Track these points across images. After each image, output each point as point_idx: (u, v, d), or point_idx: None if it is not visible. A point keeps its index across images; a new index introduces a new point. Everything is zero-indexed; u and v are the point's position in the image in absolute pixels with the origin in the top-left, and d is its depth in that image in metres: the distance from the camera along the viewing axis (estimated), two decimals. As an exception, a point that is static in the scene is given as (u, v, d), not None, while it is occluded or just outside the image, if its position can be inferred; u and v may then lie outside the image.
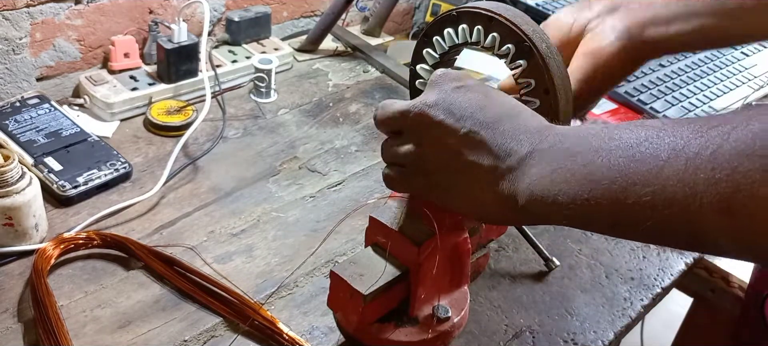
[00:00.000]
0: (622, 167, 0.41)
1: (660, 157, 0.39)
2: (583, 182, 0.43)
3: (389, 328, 0.58)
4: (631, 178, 0.40)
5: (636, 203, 0.40)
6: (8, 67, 0.89)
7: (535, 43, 0.55)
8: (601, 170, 0.42)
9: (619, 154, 0.42)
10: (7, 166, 0.65)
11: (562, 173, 0.44)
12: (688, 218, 0.38)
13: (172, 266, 0.67)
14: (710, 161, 0.37)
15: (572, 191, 0.43)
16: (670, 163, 0.39)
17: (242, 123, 0.94)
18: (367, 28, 1.22)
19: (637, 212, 0.40)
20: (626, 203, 0.41)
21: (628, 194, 0.40)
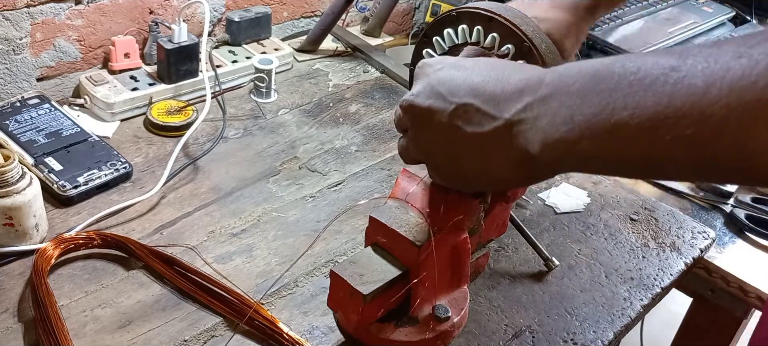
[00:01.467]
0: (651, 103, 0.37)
1: (696, 85, 0.35)
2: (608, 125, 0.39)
3: (389, 328, 0.58)
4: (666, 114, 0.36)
5: (674, 140, 0.37)
6: (8, 68, 0.89)
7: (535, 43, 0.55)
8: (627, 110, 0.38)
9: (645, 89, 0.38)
10: (7, 166, 0.65)
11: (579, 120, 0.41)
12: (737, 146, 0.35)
13: (172, 266, 0.67)
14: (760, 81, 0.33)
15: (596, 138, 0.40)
16: (710, 90, 0.35)
17: (242, 123, 0.94)
18: (367, 29, 1.22)
19: (676, 150, 0.37)
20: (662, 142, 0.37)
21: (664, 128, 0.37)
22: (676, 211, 0.85)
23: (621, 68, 0.40)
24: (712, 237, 0.82)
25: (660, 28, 1.27)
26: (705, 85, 0.35)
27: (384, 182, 0.86)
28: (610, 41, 1.20)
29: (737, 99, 0.34)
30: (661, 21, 1.31)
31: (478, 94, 0.47)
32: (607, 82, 0.40)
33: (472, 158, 0.49)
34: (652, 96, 0.37)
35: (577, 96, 0.41)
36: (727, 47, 0.36)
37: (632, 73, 0.39)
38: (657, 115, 0.37)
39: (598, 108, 0.40)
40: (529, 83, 0.45)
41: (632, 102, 0.38)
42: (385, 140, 0.94)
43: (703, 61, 0.36)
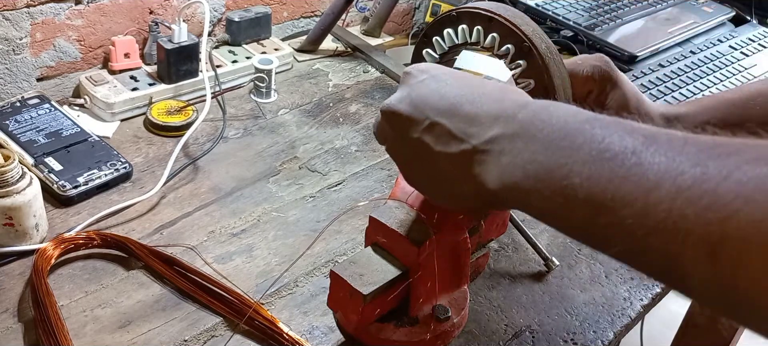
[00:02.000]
0: (603, 180, 0.37)
1: (648, 178, 0.35)
2: (559, 186, 0.40)
3: (389, 328, 0.58)
4: (612, 194, 0.37)
5: (613, 224, 0.37)
6: (8, 68, 0.89)
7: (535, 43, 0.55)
8: (580, 178, 0.39)
9: (602, 163, 0.38)
10: (7, 166, 0.65)
11: (536, 171, 0.41)
12: (667, 251, 0.35)
13: (172, 266, 0.67)
14: (704, 198, 0.33)
15: (546, 192, 0.41)
16: (658, 189, 0.35)
17: (242, 123, 0.94)
18: (367, 29, 1.22)
19: (614, 232, 0.37)
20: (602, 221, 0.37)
21: (606, 211, 0.37)
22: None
23: (590, 131, 0.40)
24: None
25: (660, 28, 1.27)
26: (656, 181, 0.35)
27: (384, 181, 0.86)
28: (610, 41, 1.20)
29: (678, 209, 0.34)
30: (661, 21, 1.31)
31: (454, 114, 0.47)
32: (572, 140, 0.40)
33: (439, 177, 0.49)
34: (607, 173, 0.37)
35: (541, 144, 0.42)
36: (691, 148, 0.35)
37: (597, 142, 0.39)
38: (604, 194, 0.37)
39: (556, 165, 0.40)
40: (503, 114, 0.45)
41: (587, 171, 0.38)
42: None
43: (663, 155, 0.36)
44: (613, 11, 1.30)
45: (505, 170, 0.43)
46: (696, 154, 0.35)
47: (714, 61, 1.20)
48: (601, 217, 0.37)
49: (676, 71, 1.14)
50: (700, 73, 1.15)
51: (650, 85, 1.09)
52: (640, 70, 1.14)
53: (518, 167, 0.42)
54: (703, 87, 1.11)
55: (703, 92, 1.10)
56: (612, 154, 0.38)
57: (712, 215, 0.32)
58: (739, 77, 1.16)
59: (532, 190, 0.41)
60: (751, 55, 1.23)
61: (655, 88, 1.08)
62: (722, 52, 1.23)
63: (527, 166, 0.42)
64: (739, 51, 1.24)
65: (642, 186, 0.35)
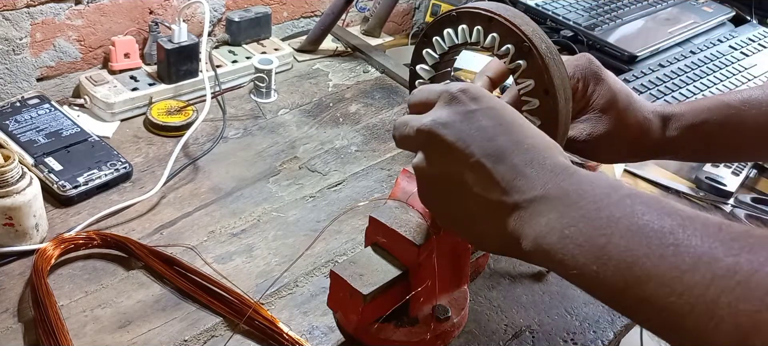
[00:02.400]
0: (640, 256, 0.38)
1: (684, 260, 0.37)
2: (595, 255, 0.40)
3: (389, 328, 0.58)
4: (647, 271, 0.38)
5: (647, 299, 0.38)
6: (8, 68, 0.89)
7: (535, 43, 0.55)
8: (617, 250, 0.39)
9: (640, 239, 0.39)
10: (7, 166, 0.65)
11: (574, 236, 0.42)
12: (698, 335, 0.36)
13: (172, 266, 0.67)
14: (737, 290, 0.34)
15: (581, 259, 0.41)
16: (694, 273, 0.36)
17: (242, 123, 0.94)
18: (367, 29, 1.22)
19: (646, 306, 0.38)
20: (637, 294, 0.38)
21: (641, 286, 0.38)
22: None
23: (630, 206, 0.41)
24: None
25: (660, 28, 1.27)
26: (691, 264, 0.36)
27: (384, 182, 0.86)
28: (610, 41, 1.20)
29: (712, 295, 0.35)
30: (661, 21, 1.31)
31: (501, 162, 0.46)
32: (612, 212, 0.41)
33: (466, 214, 0.48)
34: (644, 249, 0.38)
35: (582, 213, 0.42)
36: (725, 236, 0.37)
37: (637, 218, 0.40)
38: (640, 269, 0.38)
39: (595, 235, 0.41)
40: (550, 175, 0.45)
41: (624, 245, 0.39)
42: (385, 140, 0.94)
43: (699, 239, 0.37)
44: (613, 11, 1.30)
45: (542, 232, 0.43)
46: (730, 242, 0.36)
47: (714, 61, 1.20)
48: (635, 290, 0.39)
49: (676, 71, 1.14)
50: (700, 73, 1.15)
51: (650, 85, 1.09)
52: (640, 70, 1.14)
53: (556, 231, 0.43)
54: (703, 87, 1.11)
55: (703, 92, 1.10)
56: (650, 232, 0.39)
57: (744, 305, 0.34)
58: (739, 77, 1.16)
59: (567, 256, 0.42)
60: (751, 55, 1.23)
61: (655, 88, 1.08)
62: (722, 52, 1.23)
63: (565, 232, 0.42)
64: (739, 51, 1.24)
65: (678, 268, 0.37)
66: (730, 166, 0.96)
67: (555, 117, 0.56)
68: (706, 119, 0.65)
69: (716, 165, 0.96)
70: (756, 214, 0.88)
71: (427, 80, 0.63)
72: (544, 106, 0.56)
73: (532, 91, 0.56)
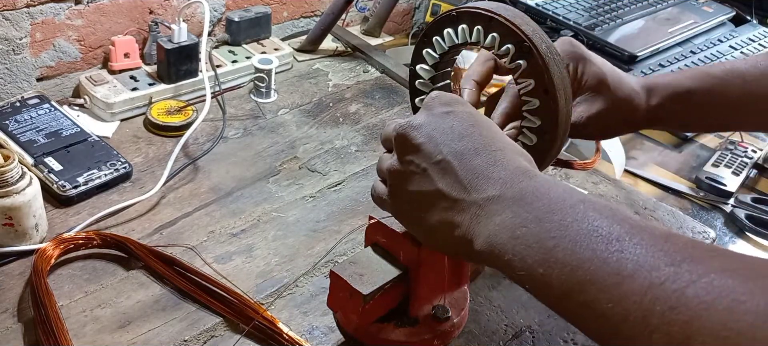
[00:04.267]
0: (585, 260, 0.39)
1: (625, 267, 0.37)
2: (543, 257, 0.41)
3: (389, 328, 0.58)
4: (590, 275, 0.38)
5: (587, 303, 0.38)
6: (8, 67, 0.89)
7: (535, 43, 0.55)
8: (564, 253, 0.40)
9: (587, 243, 0.39)
10: (7, 166, 0.65)
11: (524, 237, 0.42)
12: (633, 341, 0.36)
13: (172, 266, 0.67)
14: (671, 299, 0.34)
15: (529, 260, 0.42)
16: (633, 280, 0.36)
17: (242, 123, 0.94)
18: (367, 29, 1.22)
19: (586, 311, 0.39)
20: (578, 298, 0.39)
21: (582, 290, 0.38)
22: (676, 211, 0.85)
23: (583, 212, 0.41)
24: (712, 237, 0.82)
25: (660, 28, 1.27)
26: (632, 271, 0.36)
27: (384, 181, 0.86)
28: (611, 41, 1.20)
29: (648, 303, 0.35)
30: (661, 21, 1.31)
31: (466, 161, 0.47)
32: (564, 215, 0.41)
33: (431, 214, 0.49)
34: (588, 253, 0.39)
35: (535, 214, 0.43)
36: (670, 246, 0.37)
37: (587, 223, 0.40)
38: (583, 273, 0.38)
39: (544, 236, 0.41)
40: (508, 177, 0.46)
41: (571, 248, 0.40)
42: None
43: (644, 248, 0.37)
44: (613, 11, 1.30)
45: (494, 231, 0.44)
46: (673, 253, 0.36)
47: (714, 60, 1.20)
48: (577, 295, 0.39)
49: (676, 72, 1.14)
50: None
51: (650, 85, 1.09)
52: (640, 70, 1.13)
53: (507, 230, 0.43)
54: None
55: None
56: (597, 237, 0.39)
57: (677, 316, 0.34)
58: (740, 77, 1.16)
59: (516, 256, 0.42)
60: (751, 55, 1.23)
61: (655, 88, 1.08)
62: (722, 52, 1.23)
63: (516, 232, 0.43)
64: (739, 51, 1.24)
65: (619, 273, 0.37)
66: (731, 166, 0.96)
67: (555, 117, 0.56)
68: (689, 88, 0.66)
69: (716, 165, 0.96)
70: (756, 214, 0.88)
71: (428, 80, 0.63)
72: (544, 106, 0.56)
73: (532, 91, 0.56)
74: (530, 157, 0.50)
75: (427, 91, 0.63)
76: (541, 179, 0.46)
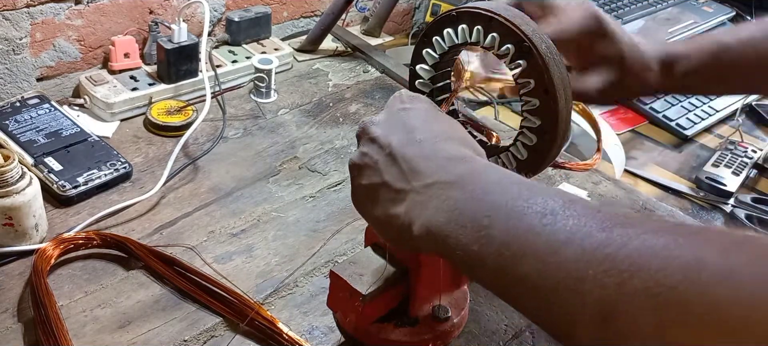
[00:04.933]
0: (518, 235, 0.39)
1: (558, 238, 0.37)
2: (478, 234, 0.41)
3: (389, 328, 0.58)
4: (524, 249, 0.38)
5: (522, 277, 0.38)
6: (8, 67, 0.89)
7: (535, 43, 0.55)
8: (499, 230, 0.40)
9: (521, 218, 0.39)
10: (7, 166, 0.65)
11: (459, 218, 0.43)
12: (566, 312, 0.36)
13: (172, 266, 0.67)
14: (604, 262, 0.34)
15: (464, 238, 0.42)
16: (566, 248, 0.36)
17: (242, 123, 0.94)
18: (367, 28, 1.22)
19: (520, 286, 0.39)
20: (512, 273, 0.39)
21: (516, 264, 0.38)
22: (676, 211, 0.85)
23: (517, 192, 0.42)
24: (712, 237, 0.82)
25: (660, 28, 1.27)
26: (564, 240, 0.36)
27: (384, 181, 0.86)
28: (610, 41, 1.19)
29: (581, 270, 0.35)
30: (661, 21, 1.31)
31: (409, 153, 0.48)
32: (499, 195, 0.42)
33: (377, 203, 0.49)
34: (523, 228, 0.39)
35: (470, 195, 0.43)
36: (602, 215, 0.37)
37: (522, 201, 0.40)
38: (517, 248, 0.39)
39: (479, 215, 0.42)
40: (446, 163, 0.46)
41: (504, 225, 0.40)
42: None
43: (576, 218, 0.37)
44: (613, 11, 1.30)
45: (431, 215, 0.44)
46: (603, 220, 0.36)
47: (714, 61, 1.19)
48: (512, 269, 0.39)
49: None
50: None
51: (650, 85, 1.09)
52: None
53: (442, 212, 0.44)
54: (704, 87, 1.11)
55: (703, 92, 1.10)
56: (531, 213, 0.39)
57: (609, 279, 0.33)
58: (740, 77, 1.16)
59: (451, 236, 0.42)
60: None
61: (655, 88, 1.08)
62: (722, 52, 1.23)
63: (451, 213, 0.43)
64: (739, 51, 1.24)
65: (551, 244, 0.37)
66: (731, 166, 0.96)
67: (555, 117, 0.56)
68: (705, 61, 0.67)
69: (716, 165, 0.96)
70: (756, 214, 0.88)
71: (428, 80, 0.63)
72: (544, 106, 0.56)
73: (532, 91, 0.56)
74: (481, 149, 0.50)
75: (427, 92, 0.63)
76: (479, 162, 0.47)
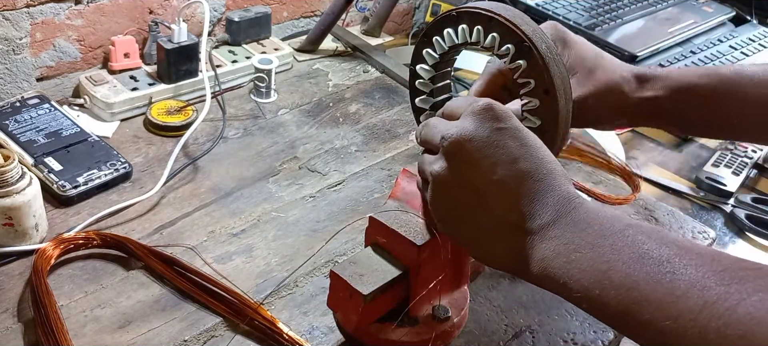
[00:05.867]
0: (639, 281, 0.41)
1: (679, 287, 0.40)
2: (598, 279, 0.43)
3: (389, 328, 0.58)
4: (646, 296, 0.41)
5: (645, 322, 0.41)
6: (8, 67, 0.89)
7: (535, 43, 0.55)
8: (619, 276, 0.42)
9: (640, 266, 0.42)
10: (7, 166, 0.65)
11: (579, 262, 0.45)
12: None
13: (172, 266, 0.67)
14: (724, 316, 0.37)
15: (585, 283, 0.44)
16: (687, 299, 0.39)
17: (242, 123, 0.94)
18: (367, 28, 1.22)
19: (645, 329, 0.41)
20: (635, 317, 0.41)
21: (639, 310, 0.41)
22: (676, 211, 0.85)
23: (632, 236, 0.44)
24: (712, 237, 0.82)
25: (660, 28, 1.27)
26: (685, 290, 0.39)
27: (384, 181, 0.86)
28: (611, 41, 1.20)
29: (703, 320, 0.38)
30: (661, 21, 1.31)
31: (523, 184, 0.48)
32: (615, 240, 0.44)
33: (481, 230, 0.50)
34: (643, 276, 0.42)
35: (588, 240, 0.45)
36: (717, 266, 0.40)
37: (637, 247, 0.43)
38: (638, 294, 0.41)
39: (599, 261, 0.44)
40: (561, 203, 0.47)
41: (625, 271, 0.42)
42: (385, 140, 0.94)
43: (693, 268, 0.40)
44: (613, 11, 1.30)
45: (550, 256, 0.46)
46: (721, 273, 0.39)
47: (714, 61, 1.19)
48: (635, 314, 0.42)
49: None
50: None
51: (650, 85, 1.09)
52: (641, 70, 1.13)
53: (562, 256, 0.46)
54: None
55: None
56: (649, 260, 0.42)
57: (731, 331, 0.37)
58: (740, 77, 1.16)
59: (571, 279, 0.45)
60: (751, 55, 1.23)
61: (655, 88, 1.08)
62: (722, 52, 1.23)
63: (571, 256, 0.45)
64: (739, 51, 1.24)
65: (673, 293, 0.40)
66: (731, 166, 0.96)
67: (555, 117, 0.56)
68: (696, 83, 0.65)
69: (716, 165, 0.96)
70: (756, 214, 0.88)
71: (428, 80, 0.63)
72: (544, 106, 0.56)
73: (532, 91, 0.56)
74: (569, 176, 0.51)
75: (427, 91, 0.64)
76: (590, 204, 0.48)
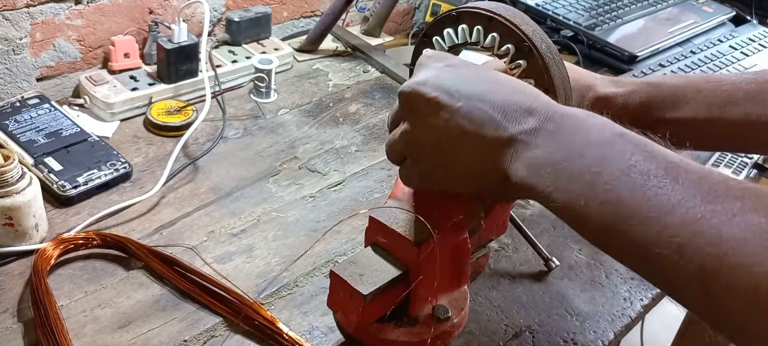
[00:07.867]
0: (625, 196, 0.40)
1: (664, 203, 0.39)
2: (583, 190, 0.42)
3: (389, 328, 0.58)
4: (630, 211, 0.40)
5: (626, 236, 0.40)
6: (8, 67, 0.89)
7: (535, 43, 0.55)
8: (604, 188, 0.41)
9: (626, 179, 0.40)
10: (7, 166, 0.65)
11: (565, 171, 0.43)
12: (668, 275, 0.38)
13: (172, 266, 0.67)
14: (706, 234, 0.37)
15: (568, 193, 0.42)
16: (672, 215, 0.38)
17: (242, 123, 0.94)
18: (367, 28, 1.22)
19: (623, 244, 0.40)
20: (616, 232, 0.40)
21: (622, 224, 0.40)
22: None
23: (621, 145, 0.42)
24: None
25: (660, 28, 1.27)
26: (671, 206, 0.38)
27: (384, 181, 0.86)
28: (611, 41, 1.20)
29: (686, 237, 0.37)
30: (661, 21, 1.31)
31: (486, 100, 0.47)
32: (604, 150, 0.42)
33: (464, 159, 0.48)
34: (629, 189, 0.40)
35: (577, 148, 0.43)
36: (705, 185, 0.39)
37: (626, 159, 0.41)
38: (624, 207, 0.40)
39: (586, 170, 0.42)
40: (539, 109, 0.46)
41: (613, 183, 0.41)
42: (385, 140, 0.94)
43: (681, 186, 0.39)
44: (613, 11, 1.30)
45: (535, 164, 0.44)
46: (707, 191, 0.38)
47: (714, 61, 1.20)
48: (616, 228, 0.40)
49: (676, 71, 1.14)
50: (701, 73, 1.15)
51: (650, 85, 1.09)
52: (640, 70, 1.13)
53: (547, 164, 0.44)
54: (704, 87, 1.11)
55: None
56: (635, 173, 0.40)
57: (712, 249, 0.36)
58: (740, 77, 1.16)
59: (556, 189, 0.43)
60: (751, 55, 1.23)
61: (655, 88, 1.08)
62: (722, 52, 1.23)
63: (558, 166, 0.43)
64: (739, 51, 1.24)
65: (658, 209, 0.39)
66: (731, 166, 0.96)
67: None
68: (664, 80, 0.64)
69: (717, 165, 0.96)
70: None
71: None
72: (544, 106, 0.56)
73: (532, 91, 0.56)
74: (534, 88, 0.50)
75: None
76: (577, 110, 0.46)
